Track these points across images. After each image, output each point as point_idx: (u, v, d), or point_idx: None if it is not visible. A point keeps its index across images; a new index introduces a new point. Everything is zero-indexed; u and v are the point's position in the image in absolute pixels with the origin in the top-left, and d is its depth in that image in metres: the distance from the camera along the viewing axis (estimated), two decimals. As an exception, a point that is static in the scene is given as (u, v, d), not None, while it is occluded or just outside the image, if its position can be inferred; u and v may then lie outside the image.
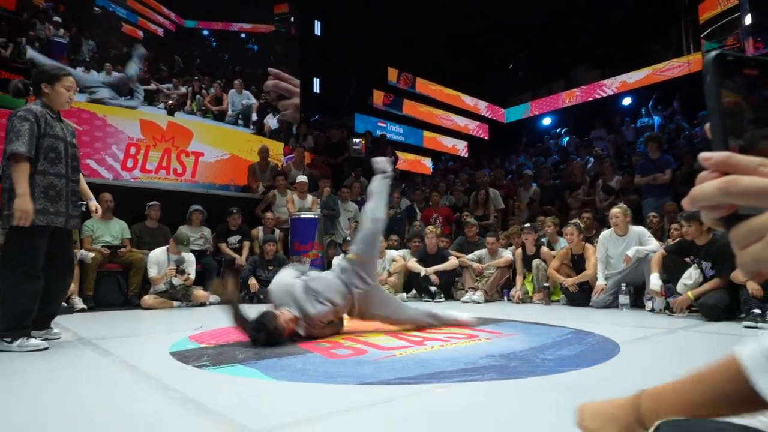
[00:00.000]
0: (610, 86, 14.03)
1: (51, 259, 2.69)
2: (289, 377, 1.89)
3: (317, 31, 12.72)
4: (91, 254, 5.07)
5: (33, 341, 2.53)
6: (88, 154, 6.71)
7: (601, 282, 4.58)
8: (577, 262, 5.00)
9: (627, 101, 13.71)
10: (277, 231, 6.59)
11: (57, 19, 7.76)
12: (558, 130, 14.50)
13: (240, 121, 9.63)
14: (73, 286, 4.68)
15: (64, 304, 4.46)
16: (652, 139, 6.53)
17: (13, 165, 2.53)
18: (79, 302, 4.70)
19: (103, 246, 5.33)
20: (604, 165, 7.47)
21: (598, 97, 14.26)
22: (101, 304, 5.12)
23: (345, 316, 3.03)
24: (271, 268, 5.57)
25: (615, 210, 4.68)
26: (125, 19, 8.66)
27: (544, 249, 5.39)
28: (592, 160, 9.24)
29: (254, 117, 9.88)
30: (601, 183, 7.19)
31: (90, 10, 8.10)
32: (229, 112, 10.13)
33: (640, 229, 4.67)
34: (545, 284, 5.08)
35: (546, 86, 15.89)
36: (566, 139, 13.23)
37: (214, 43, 10.28)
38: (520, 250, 5.58)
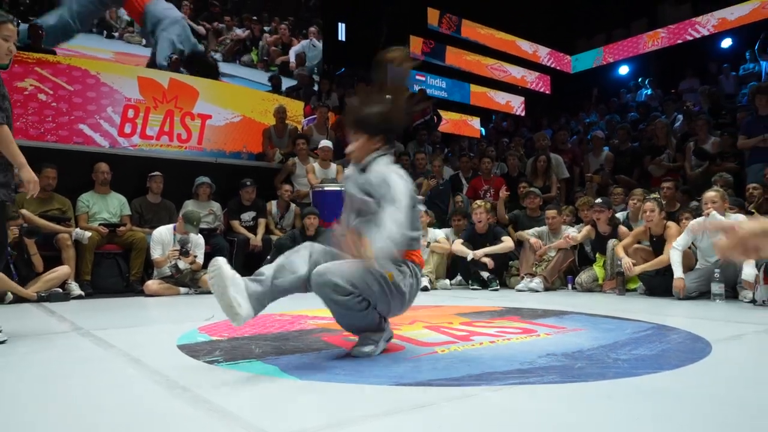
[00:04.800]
0: (705, 24, 13.39)
1: None
2: (312, 376, 1.93)
3: (342, -34, 12.59)
4: (88, 233, 5.26)
5: None
6: (81, 119, 6.90)
7: (679, 276, 4.43)
8: (656, 244, 4.87)
9: (726, 43, 13.15)
10: (293, 206, 6.67)
11: None
12: (638, 81, 14.02)
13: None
14: (69, 270, 4.89)
15: (59, 289, 4.68)
16: (761, 90, 6.26)
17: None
18: (75, 288, 4.91)
19: (100, 224, 5.52)
20: (697, 123, 7.20)
21: (690, 38, 13.66)
22: (100, 290, 5.34)
23: None
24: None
25: (710, 194, 4.48)
26: None
27: (622, 229, 5.27)
28: (680, 117, 8.95)
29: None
30: (692, 146, 6.94)
31: None
32: (293, 62, 9.10)
33: (739, 217, 4.46)
34: (619, 269, 4.99)
35: (623, 27, 15.30)
36: (648, 91, 12.81)
37: None
38: (590, 227, 5.47)
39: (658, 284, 4.73)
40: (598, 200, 5.52)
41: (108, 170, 5.79)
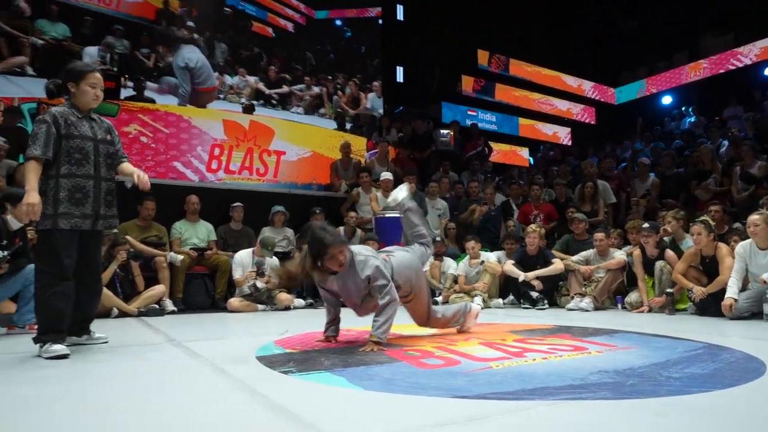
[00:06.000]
0: (747, 54, 12.75)
1: (77, 265, 2.76)
2: (376, 387, 1.92)
3: (399, 15, 12.83)
4: (180, 257, 5.50)
5: (56, 347, 2.57)
6: (175, 157, 7.31)
7: (731, 296, 4.16)
8: (708, 266, 4.59)
9: (770, 71, 12.41)
10: (358, 231, 6.74)
11: (191, 23, 8.54)
12: (681, 110, 13.43)
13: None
14: (164, 289, 5.12)
15: (156, 305, 4.90)
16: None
17: (26, 165, 2.65)
18: (169, 304, 5.13)
19: (190, 248, 5.77)
20: (743, 148, 6.83)
21: (732, 68, 13.02)
22: (190, 307, 5.55)
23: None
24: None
25: (754, 217, 4.21)
26: (255, 16, 9.38)
27: (669, 253, 5.00)
28: (725, 143, 8.49)
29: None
30: (738, 170, 6.56)
31: (220, 10, 8.90)
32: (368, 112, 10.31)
33: None
34: (669, 290, 4.73)
35: (665, 59, 14.79)
36: (691, 119, 12.25)
37: (348, 33, 10.55)
38: (638, 251, 5.23)
39: (709, 304, 4.44)
40: (645, 225, 5.27)
41: (197, 201, 6.06)
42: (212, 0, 9.00)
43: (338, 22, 10.53)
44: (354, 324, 3.59)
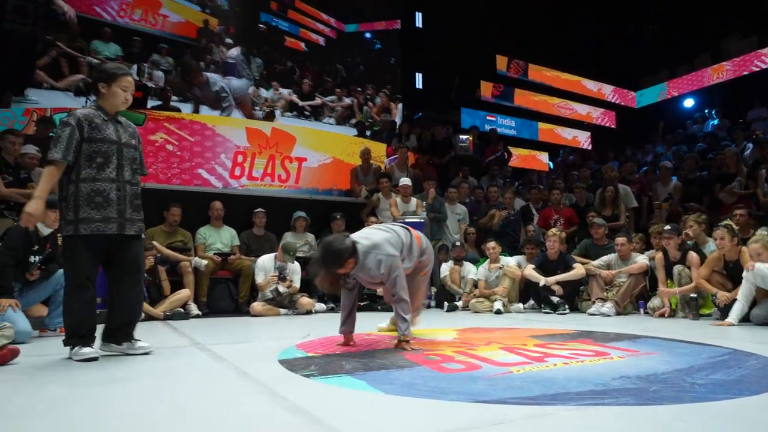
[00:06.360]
0: (771, 55, 12.43)
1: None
2: (396, 391, 1.91)
3: (418, 23, 12.86)
4: (204, 262, 5.57)
5: (86, 350, 2.60)
6: (200, 164, 7.42)
7: (730, 320, 4.01)
8: (732, 271, 4.47)
9: (795, 72, 12.07)
10: None
11: (229, 40, 9.14)
12: (704, 112, 13.14)
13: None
14: (189, 293, 5.19)
15: (181, 309, 4.96)
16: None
17: (45, 168, 2.64)
18: (194, 308, 5.19)
19: (214, 253, 5.84)
20: (768, 150, 6.64)
21: (756, 69, 12.70)
22: (214, 311, 5.61)
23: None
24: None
25: (754, 246, 4.05)
26: (288, 32, 9.99)
27: (692, 255, 4.88)
28: (750, 145, 8.28)
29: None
30: (764, 173, 6.38)
31: (256, 27, 9.52)
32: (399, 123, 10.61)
33: None
34: (693, 295, 4.62)
35: (687, 62, 14.51)
36: (715, 122, 11.98)
37: (378, 45, 10.95)
38: (660, 254, 5.12)
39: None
40: (667, 227, 5.17)
41: (221, 207, 6.13)
42: (248, 18, 9.57)
43: (368, 35, 10.79)
44: (374, 329, 3.59)
